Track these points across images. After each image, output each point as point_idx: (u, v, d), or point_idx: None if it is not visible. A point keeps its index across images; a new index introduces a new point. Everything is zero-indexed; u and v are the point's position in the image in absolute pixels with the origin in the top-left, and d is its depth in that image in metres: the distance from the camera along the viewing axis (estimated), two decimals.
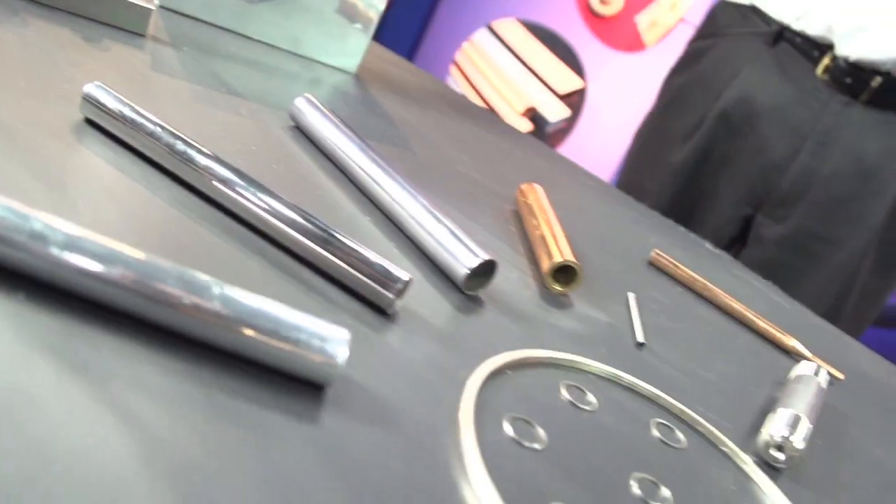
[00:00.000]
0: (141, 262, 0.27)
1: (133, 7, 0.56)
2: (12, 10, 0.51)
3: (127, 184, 0.37)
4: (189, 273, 0.28)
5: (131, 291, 0.27)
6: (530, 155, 0.82)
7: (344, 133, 0.51)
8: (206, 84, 0.55)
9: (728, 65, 1.17)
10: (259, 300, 0.29)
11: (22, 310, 0.26)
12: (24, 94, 0.41)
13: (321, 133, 0.52)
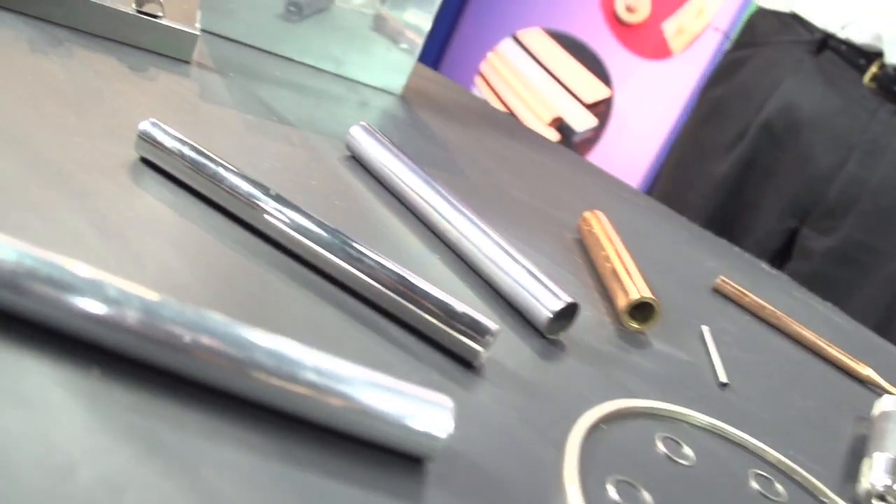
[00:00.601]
0: (227, 330, 0.25)
1: (178, 34, 0.54)
2: (56, 40, 0.49)
3: (190, 230, 0.35)
4: (280, 343, 0.25)
5: (218, 364, 0.24)
6: (578, 174, 0.79)
7: (404, 163, 0.48)
8: (255, 112, 0.52)
9: (769, 74, 1.14)
10: (354, 369, 0.26)
11: (97, 387, 0.24)
12: (75, 132, 0.38)
13: (381, 164, 0.49)
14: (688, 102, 2.21)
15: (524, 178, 0.68)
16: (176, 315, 0.24)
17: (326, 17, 0.68)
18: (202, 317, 0.25)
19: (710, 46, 2.16)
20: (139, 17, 0.53)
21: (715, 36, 2.13)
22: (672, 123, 2.23)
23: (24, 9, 0.51)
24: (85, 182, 0.34)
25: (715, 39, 2.14)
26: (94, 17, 0.52)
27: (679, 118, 2.23)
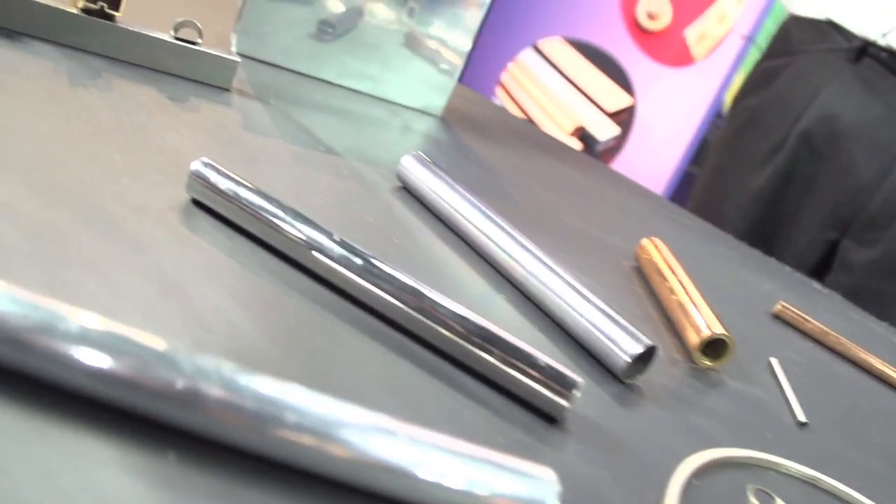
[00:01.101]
0: (311, 407, 0.22)
1: (218, 61, 0.52)
2: (94, 71, 0.47)
3: (252, 280, 0.32)
4: (368, 417, 0.23)
5: (302, 445, 0.22)
6: (623, 194, 0.77)
7: (460, 195, 0.46)
8: (301, 143, 0.50)
9: (806, 83, 1.11)
10: (451, 443, 0.23)
11: (174, 474, 0.21)
12: (122, 173, 0.36)
13: (436, 197, 0.47)
14: (710, 109, 2.18)
15: (571, 201, 0.65)
16: (256, 390, 0.22)
17: (359, 37, 0.66)
18: (283, 391, 0.22)
19: (732, 52, 2.13)
20: (177, 45, 0.51)
21: (738, 41, 2.10)
22: (695, 130, 2.20)
23: (60, 39, 0.49)
24: (137, 230, 0.32)
25: (737, 45, 2.11)
26: (131, 45, 0.50)
27: (702, 125, 2.20)
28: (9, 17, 0.47)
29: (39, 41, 0.48)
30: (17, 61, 0.44)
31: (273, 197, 0.35)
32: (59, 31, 0.49)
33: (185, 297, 0.29)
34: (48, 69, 0.45)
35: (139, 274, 0.29)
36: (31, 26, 0.48)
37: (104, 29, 0.49)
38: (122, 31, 0.50)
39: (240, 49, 0.63)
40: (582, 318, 0.39)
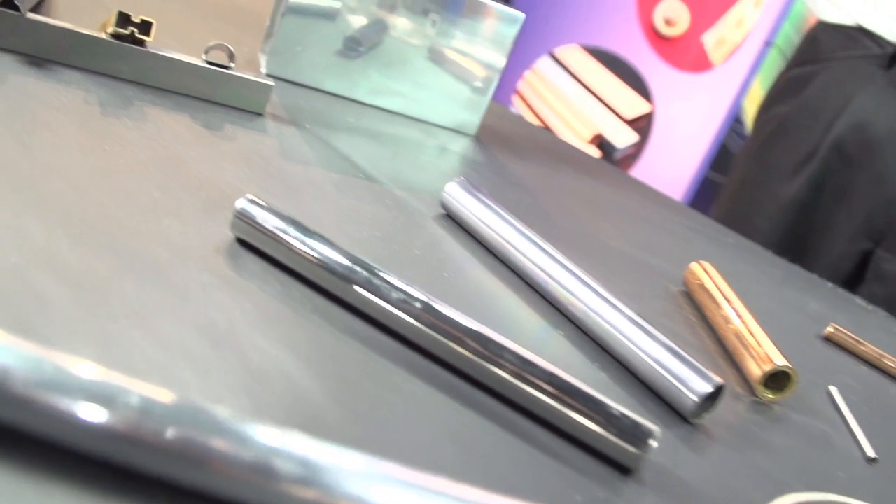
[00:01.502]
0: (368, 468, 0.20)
1: (251, 85, 0.50)
2: (126, 99, 0.45)
3: (306, 328, 0.31)
4: (454, 490, 0.21)
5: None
6: (659, 210, 0.75)
7: (509, 224, 0.44)
8: (341, 170, 0.48)
9: (838, 91, 1.08)
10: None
11: None
12: (162, 211, 0.35)
13: (484, 226, 0.45)
14: (729, 114, 2.16)
15: (610, 220, 0.63)
16: (336, 469, 0.20)
17: (389, 54, 0.64)
18: (369, 468, 0.21)
19: (750, 57, 2.11)
20: (209, 70, 0.49)
21: (756, 46, 2.07)
22: (714, 136, 2.18)
23: (90, 66, 0.47)
24: (183, 276, 0.30)
25: (755, 50, 2.09)
26: (162, 71, 0.48)
27: (720, 131, 2.18)
28: (38, 44, 0.46)
29: (69, 68, 0.47)
30: (49, 91, 0.42)
31: (322, 236, 0.33)
32: (89, 58, 0.47)
33: (238, 349, 0.27)
34: (80, 99, 0.43)
35: (188, 325, 0.27)
36: (61, 53, 0.46)
37: (135, 55, 0.48)
38: (153, 57, 0.48)
39: (269, 70, 0.61)
40: (646, 357, 0.37)
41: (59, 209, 0.31)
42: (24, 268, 0.27)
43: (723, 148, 2.23)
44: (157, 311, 0.27)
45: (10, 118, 0.37)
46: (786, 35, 2.09)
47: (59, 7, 0.59)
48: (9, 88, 0.41)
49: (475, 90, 0.67)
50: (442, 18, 0.64)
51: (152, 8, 0.71)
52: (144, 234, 0.32)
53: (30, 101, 0.40)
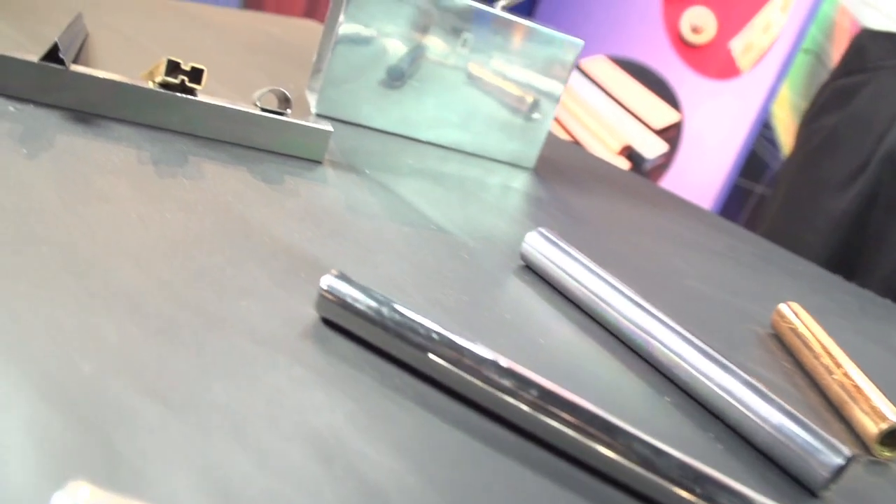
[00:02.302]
0: None
1: (309, 132, 0.47)
2: (180, 154, 0.43)
3: (415, 427, 0.27)
4: None
5: None
6: (729, 241, 0.71)
7: (596, 276, 0.41)
8: (411, 221, 0.45)
9: (888, 101, 1.05)
10: None
11: None
12: (237, 289, 0.31)
13: (572, 282, 0.42)
14: (757, 120, 2.12)
15: (683, 255, 0.60)
16: None
17: (439, 87, 0.61)
18: None
19: (777, 62, 2.07)
20: (264, 117, 0.46)
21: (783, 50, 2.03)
22: (742, 142, 2.14)
23: (138, 118, 0.44)
24: (273, 372, 0.27)
25: (783, 54, 2.05)
26: (214, 121, 0.46)
27: (749, 137, 2.14)
28: (85, 98, 0.43)
29: (118, 122, 0.44)
30: (99, 151, 0.39)
31: (416, 318, 0.30)
32: (137, 110, 0.44)
33: (347, 462, 0.24)
34: (132, 158, 0.40)
35: (289, 436, 0.24)
36: (109, 107, 0.44)
37: (186, 105, 0.45)
38: (205, 107, 0.45)
39: (320, 110, 0.58)
40: (766, 425, 0.33)
41: (126, 297, 0.28)
42: (100, 377, 0.24)
43: (752, 154, 2.19)
44: (252, 421, 0.24)
45: (62, 186, 0.34)
46: (813, 38, 2.05)
47: (97, 54, 0.57)
48: (58, 151, 0.38)
49: (532, 121, 0.64)
50: (496, 47, 0.61)
51: (187, 46, 0.68)
52: (223, 321, 0.29)
53: (81, 165, 0.37)
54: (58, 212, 0.32)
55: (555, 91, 0.64)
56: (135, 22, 0.70)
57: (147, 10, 0.77)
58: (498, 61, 0.62)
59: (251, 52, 0.74)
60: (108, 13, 0.69)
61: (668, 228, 0.66)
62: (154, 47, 0.63)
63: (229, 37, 0.78)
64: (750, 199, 2.27)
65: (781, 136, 2.17)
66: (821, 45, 2.03)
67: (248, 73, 0.66)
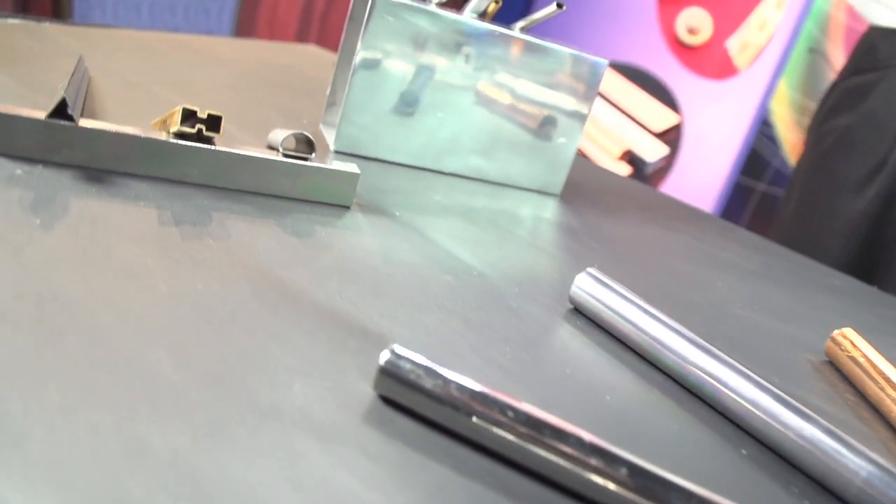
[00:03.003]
0: None
1: (337, 176, 0.44)
2: (202, 211, 0.40)
3: None
4: None
5: None
6: (766, 259, 0.68)
7: (653, 317, 0.38)
8: (451, 269, 0.42)
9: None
10: None
11: None
12: (286, 370, 0.29)
13: (628, 325, 0.39)
14: (756, 118, 2.10)
15: (724, 279, 0.57)
16: None
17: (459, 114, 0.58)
18: None
19: (773, 58, 2.05)
20: (289, 164, 0.44)
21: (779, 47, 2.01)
22: (742, 141, 2.12)
23: (154, 172, 0.41)
24: (343, 471, 0.24)
25: (778, 50, 2.03)
26: (235, 170, 0.43)
27: (748, 134, 2.12)
28: (96, 155, 0.40)
29: (132, 178, 0.41)
30: (117, 214, 0.37)
31: (487, 392, 0.27)
32: (153, 164, 0.41)
33: None
34: (153, 220, 0.37)
35: None
36: (122, 162, 0.41)
37: (205, 155, 0.42)
38: (225, 156, 0.42)
39: (338, 146, 0.55)
40: (854, 479, 0.30)
41: (170, 393, 0.25)
42: (155, 496, 0.21)
43: (753, 152, 2.17)
44: None
45: (83, 263, 0.31)
46: (809, 33, 2.04)
47: (102, 103, 0.54)
48: (74, 218, 0.35)
49: (557, 145, 0.62)
50: (517, 70, 0.58)
51: (192, 84, 0.65)
52: (278, 411, 0.26)
53: (100, 233, 0.34)
54: (82, 295, 0.29)
55: (580, 113, 0.61)
56: (135, 61, 0.67)
57: (145, 46, 0.74)
58: (520, 84, 0.59)
59: (259, 86, 0.72)
60: (106, 54, 0.66)
61: (702, 249, 0.64)
62: (159, 89, 0.60)
63: (233, 70, 0.75)
64: (752, 197, 2.25)
65: (781, 133, 2.15)
66: (817, 41, 2.02)
67: (260, 111, 0.63)
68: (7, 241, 0.31)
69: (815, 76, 2.06)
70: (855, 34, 2.00)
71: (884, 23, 1.08)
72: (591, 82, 0.61)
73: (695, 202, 2.30)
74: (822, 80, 2.04)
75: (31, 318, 0.27)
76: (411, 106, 0.57)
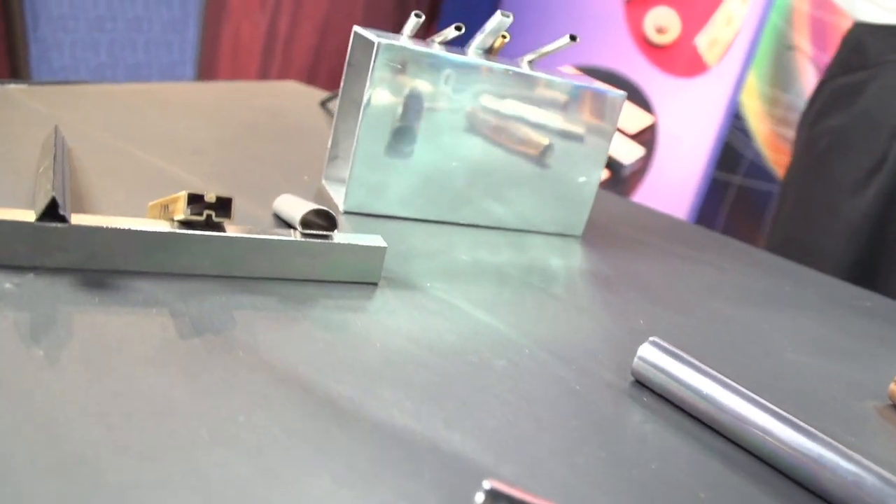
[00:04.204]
0: None
1: (363, 251, 0.40)
2: (223, 310, 0.35)
3: None
4: None
5: None
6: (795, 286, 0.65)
7: (731, 390, 0.35)
8: (502, 350, 0.38)
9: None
10: None
11: None
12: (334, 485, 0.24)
13: (707, 405, 0.35)
14: (727, 112, 2.09)
15: (770, 319, 0.54)
16: None
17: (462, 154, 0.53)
18: None
19: (741, 52, 2.04)
20: (311, 244, 0.39)
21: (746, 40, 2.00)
22: (716, 136, 2.11)
23: (160, 268, 0.37)
24: None
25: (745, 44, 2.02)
26: (250, 257, 0.38)
27: (721, 130, 2.11)
28: (94, 255, 0.35)
29: (136, 276, 0.36)
30: (129, 327, 0.32)
31: None
32: (159, 259, 0.36)
33: None
34: (169, 330, 0.32)
35: None
36: (123, 260, 0.36)
37: (216, 244, 0.37)
38: (239, 242, 0.38)
39: (349, 207, 0.51)
40: None
41: None
42: None
43: (726, 146, 2.16)
44: None
45: (103, 400, 0.27)
46: (774, 26, 2.03)
47: (87, 179, 0.49)
48: (81, 340, 0.30)
49: (577, 185, 0.57)
50: (530, 108, 0.54)
51: (175, 141, 0.60)
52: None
53: (113, 357, 0.30)
54: (110, 452, 0.24)
55: (599, 150, 0.57)
56: (110, 120, 0.62)
57: (116, 101, 0.69)
58: (534, 123, 0.55)
59: (246, 136, 0.67)
60: (79, 116, 0.61)
61: (732, 282, 0.60)
62: (142, 153, 0.55)
63: (215, 120, 0.70)
64: (729, 191, 2.24)
65: (753, 125, 2.14)
66: (784, 32, 2.01)
67: (255, 168, 0.58)
68: (11, 386, 0.27)
69: (784, 67, 2.05)
70: (819, 23, 1.99)
71: (868, 19, 1.06)
72: (610, 117, 0.57)
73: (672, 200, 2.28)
74: (790, 71, 2.03)
75: (52, 486, 0.22)
76: (409, 144, 0.53)
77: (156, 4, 1.41)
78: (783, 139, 2.18)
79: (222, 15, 1.70)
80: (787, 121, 2.18)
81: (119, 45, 1.37)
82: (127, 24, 1.36)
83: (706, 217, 2.30)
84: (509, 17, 0.53)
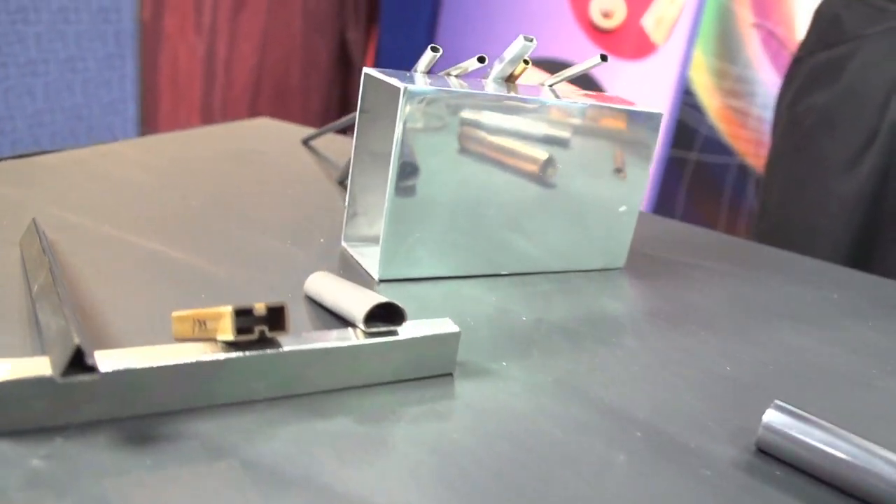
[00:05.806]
0: None
1: (437, 341, 0.34)
2: (298, 449, 0.29)
3: None
4: None
5: None
6: (850, 291, 0.61)
7: (875, 455, 0.30)
8: (611, 436, 0.33)
9: (881, 69, 0.98)
10: None
11: None
12: None
13: (853, 473, 0.31)
14: (678, 89, 2.07)
15: (841, 338, 0.49)
16: None
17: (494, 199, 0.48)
18: None
19: (685, 28, 2.02)
20: (378, 345, 0.33)
21: (688, 18, 1.99)
22: (668, 114, 2.09)
23: (209, 401, 0.31)
24: None
25: (689, 19, 2.00)
26: (311, 371, 0.32)
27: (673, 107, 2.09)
28: (127, 401, 0.29)
29: (181, 418, 0.30)
30: (197, 490, 0.26)
31: None
32: (206, 393, 0.30)
33: None
34: (244, 486, 0.26)
35: None
36: (171, 399, 0.30)
37: (274, 363, 0.31)
38: (300, 357, 0.32)
39: (384, 275, 0.45)
40: None
41: None
42: None
43: (680, 123, 2.15)
44: None
45: None
46: (715, 1, 2.02)
47: (81, 280, 0.41)
48: None
49: (616, 214, 0.52)
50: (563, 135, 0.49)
51: (164, 218, 0.53)
52: None
53: None
54: None
55: (639, 175, 0.52)
56: (83, 198, 0.54)
57: (83, 171, 0.61)
58: (567, 154, 0.50)
59: (236, 195, 0.60)
60: (46, 198, 0.53)
61: (782, 298, 0.56)
62: (134, 237, 0.48)
63: (196, 179, 0.63)
64: (686, 168, 2.23)
65: (704, 100, 2.13)
66: (724, 3, 2.00)
67: (258, 239, 0.51)
68: None
69: (727, 38, 2.05)
70: None
71: None
72: (650, 137, 0.52)
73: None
74: (734, 41, 2.03)
75: None
76: (410, 179, 0.47)
77: (88, 41, 1.31)
78: (735, 111, 2.18)
79: (158, 44, 1.60)
80: (736, 92, 2.18)
81: (55, 89, 1.27)
82: (59, 65, 1.26)
83: (667, 195, 2.29)
84: (532, 41, 0.48)
